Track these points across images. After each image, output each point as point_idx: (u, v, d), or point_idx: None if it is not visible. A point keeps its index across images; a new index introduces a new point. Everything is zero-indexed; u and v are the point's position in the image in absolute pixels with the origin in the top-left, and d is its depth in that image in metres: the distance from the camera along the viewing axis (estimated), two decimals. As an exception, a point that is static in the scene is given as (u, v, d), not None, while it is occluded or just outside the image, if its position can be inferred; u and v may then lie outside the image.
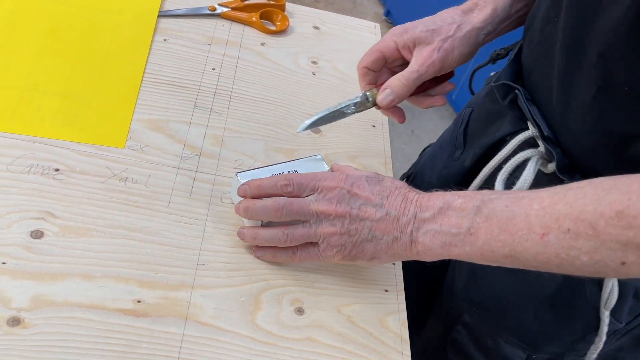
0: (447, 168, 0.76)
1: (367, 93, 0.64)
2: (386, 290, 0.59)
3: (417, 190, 0.53)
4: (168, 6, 0.80)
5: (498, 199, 0.47)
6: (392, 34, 0.64)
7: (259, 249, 0.57)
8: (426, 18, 0.64)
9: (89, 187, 0.58)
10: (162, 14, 0.78)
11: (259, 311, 0.54)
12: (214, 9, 0.81)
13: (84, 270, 0.52)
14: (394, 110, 0.65)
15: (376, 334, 0.56)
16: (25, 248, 0.52)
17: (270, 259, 0.57)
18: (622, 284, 0.58)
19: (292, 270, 0.58)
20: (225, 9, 0.82)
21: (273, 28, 0.83)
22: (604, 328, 0.60)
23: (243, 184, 0.56)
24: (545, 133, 0.57)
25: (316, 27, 0.87)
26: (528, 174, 0.59)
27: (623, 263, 0.41)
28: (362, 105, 0.65)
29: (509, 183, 0.60)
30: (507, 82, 0.62)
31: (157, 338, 0.50)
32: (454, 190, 0.51)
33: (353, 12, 2.55)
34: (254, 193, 0.56)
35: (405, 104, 0.66)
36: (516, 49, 0.65)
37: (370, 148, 0.73)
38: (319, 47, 0.84)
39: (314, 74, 0.79)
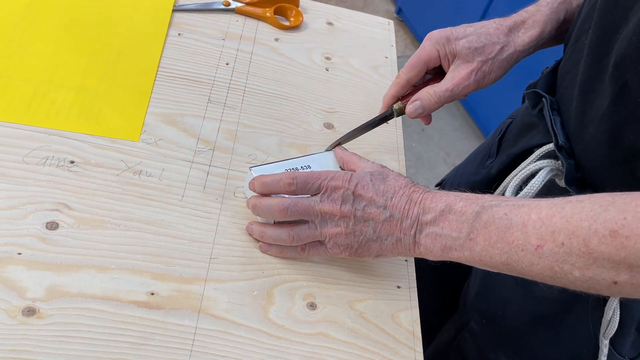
0: (476, 175, 0.76)
1: (395, 108, 0.65)
2: (398, 287, 0.59)
3: (421, 187, 0.53)
4: (183, 1, 0.80)
5: (498, 205, 0.47)
6: (434, 42, 0.62)
7: (265, 245, 0.58)
8: (471, 28, 0.62)
9: (103, 180, 0.58)
10: (177, 9, 0.78)
11: (272, 305, 0.54)
12: (228, 4, 0.81)
13: (98, 262, 0.52)
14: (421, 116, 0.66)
15: (388, 330, 0.56)
16: (41, 239, 0.52)
17: (277, 254, 0.58)
18: (623, 313, 0.57)
19: (304, 265, 0.58)
20: (240, 4, 0.82)
21: (287, 23, 0.83)
22: (602, 358, 0.60)
23: (252, 180, 0.57)
24: (560, 143, 0.57)
25: (330, 23, 0.87)
26: (535, 183, 0.59)
27: (615, 282, 0.41)
28: (390, 117, 0.65)
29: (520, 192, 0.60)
30: (537, 90, 0.61)
31: (171, 330, 0.50)
32: (460, 191, 0.51)
33: (364, 10, 2.54)
34: (259, 190, 0.56)
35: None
36: (558, 61, 0.65)
37: (383, 144, 0.73)
38: (333, 43, 0.83)
39: (327, 70, 0.79)
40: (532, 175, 0.60)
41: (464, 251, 0.48)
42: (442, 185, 0.88)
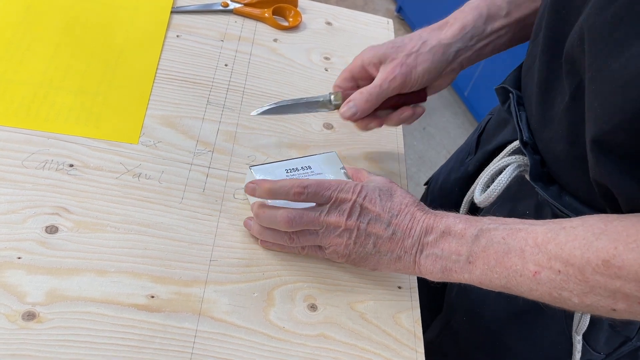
0: (455, 172, 0.77)
1: (332, 96, 0.65)
2: (399, 287, 0.59)
3: (426, 209, 0.53)
4: (181, 2, 0.80)
5: (496, 229, 0.48)
6: (360, 54, 0.65)
7: (264, 242, 0.58)
8: (396, 37, 0.65)
9: (103, 183, 0.58)
10: (175, 10, 0.78)
11: (272, 307, 0.54)
12: (227, 5, 0.81)
13: (98, 266, 0.52)
14: (366, 120, 0.65)
15: (389, 330, 0.55)
16: (40, 243, 0.52)
17: (276, 249, 0.58)
18: None
19: (305, 266, 0.58)
20: (238, 5, 0.81)
21: (286, 24, 0.83)
22: (577, 355, 0.60)
23: (250, 183, 0.55)
24: (525, 139, 0.57)
25: (329, 23, 0.86)
26: (502, 179, 0.59)
27: (614, 310, 0.42)
28: (325, 105, 0.66)
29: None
30: (505, 85, 0.61)
31: (171, 333, 0.50)
32: (454, 212, 0.52)
33: (365, 9, 2.54)
34: (263, 197, 0.55)
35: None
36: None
37: (383, 145, 0.73)
38: (332, 43, 0.83)
39: (326, 70, 0.79)
40: (501, 171, 0.60)
41: (464, 274, 0.49)
42: (429, 183, 0.88)
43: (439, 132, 2.16)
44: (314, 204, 0.54)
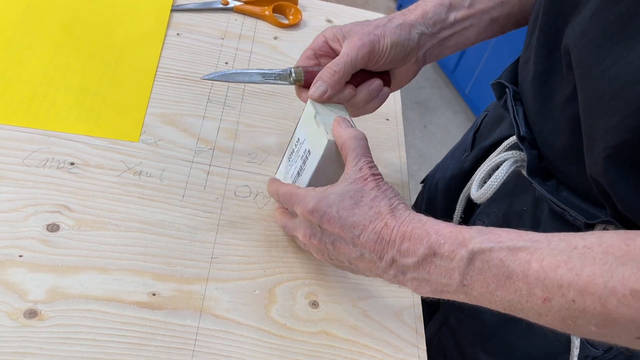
0: (452, 169, 0.76)
1: (293, 69, 0.59)
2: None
3: (401, 217, 0.46)
4: (181, 0, 0.80)
5: (490, 250, 0.41)
6: (322, 32, 0.61)
7: (280, 222, 0.57)
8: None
9: (104, 181, 0.58)
10: (175, 9, 0.78)
11: (274, 304, 0.54)
12: (227, 3, 0.81)
13: (99, 263, 0.52)
14: (305, 93, 0.59)
15: (391, 327, 0.55)
16: (42, 241, 0.52)
17: (288, 232, 0.57)
18: None
19: (306, 263, 0.58)
20: (238, 3, 0.81)
21: (286, 22, 0.83)
22: (574, 351, 0.59)
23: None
24: (522, 133, 0.56)
25: (329, 21, 0.86)
26: (499, 175, 0.57)
27: (638, 338, 0.36)
28: (284, 78, 0.59)
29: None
30: (501, 80, 0.61)
31: (173, 331, 0.50)
32: (435, 220, 0.45)
33: (365, 6, 2.54)
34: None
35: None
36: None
37: (384, 142, 0.73)
38: (332, 41, 0.83)
39: (327, 68, 0.79)
40: (498, 167, 0.59)
41: (459, 294, 0.44)
42: (425, 181, 0.88)
43: (439, 131, 2.16)
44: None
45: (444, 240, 0.43)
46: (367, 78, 0.60)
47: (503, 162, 0.59)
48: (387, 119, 0.75)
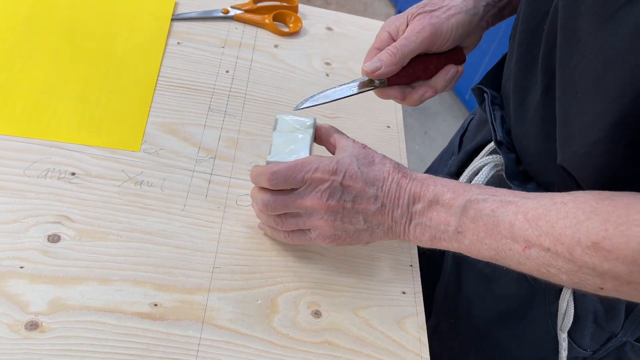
0: (439, 173, 0.77)
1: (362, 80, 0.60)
2: (404, 293, 0.59)
3: (408, 173, 0.52)
4: (181, 10, 0.80)
5: (485, 200, 0.47)
6: (383, 25, 0.61)
7: (261, 224, 0.58)
8: None
9: (105, 191, 0.58)
10: (176, 18, 0.78)
11: (276, 314, 0.54)
12: (227, 12, 0.81)
13: (100, 274, 0.52)
14: (391, 90, 0.60)
15: (394, 336, 0.55)
16: (43, 252, 0.52)
17: (269, 234, 0.58)
18: (578, 306, 0.57)
19: (308, 272, 0.58)
20: (238, 12, 0.82)
21: (286, 30, 0.83)
22: (563, 353, 0.59)
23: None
24: (499, 138, 0.57)
25: (329, 28, 0.86)
26: (479, 179, 0.59)
27: (601, 288, 0.42)
28: (368, 84, 0.59)
29: None
30: (480, 85, 0.61)
31: (175, 342, 0.50)
32: (446, 177, 0.51)
33: (364, 14, 2.55)
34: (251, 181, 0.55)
35: (416, 109, 0.65)
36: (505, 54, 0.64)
37: (385, 149, 0.72)
38: (333, 49, 0.83)
39: (327, 75, 0.79)
40: (479, 171, 0.61)
41: (452, 242, 0.49)
42: None
43: (440, 136, 2.16)
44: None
45: (447, 189, 0.49)
46: (433, 63, 0.60)
47: (483, 166, 0.60)
48: (388, 126, 0.75)
